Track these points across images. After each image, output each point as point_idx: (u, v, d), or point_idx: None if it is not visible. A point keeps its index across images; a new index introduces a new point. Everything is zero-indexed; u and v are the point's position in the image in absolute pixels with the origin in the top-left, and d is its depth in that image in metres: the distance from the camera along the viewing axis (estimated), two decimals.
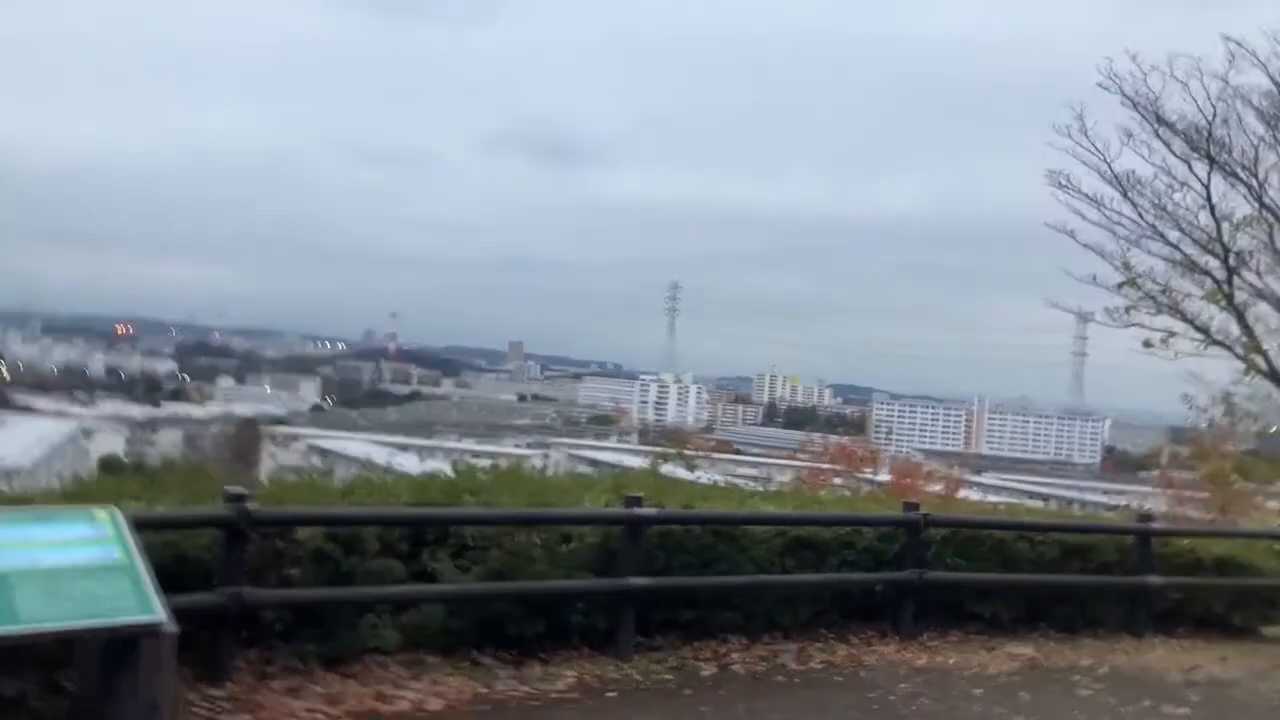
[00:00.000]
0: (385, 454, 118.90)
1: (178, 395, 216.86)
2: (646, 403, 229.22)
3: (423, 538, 7.32)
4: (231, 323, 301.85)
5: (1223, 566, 10.38)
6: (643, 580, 7.61)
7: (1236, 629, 10.74)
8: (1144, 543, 9.88)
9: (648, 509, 7.64)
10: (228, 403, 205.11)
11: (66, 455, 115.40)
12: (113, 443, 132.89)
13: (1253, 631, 10.87)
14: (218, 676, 6.05)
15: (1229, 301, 17.82)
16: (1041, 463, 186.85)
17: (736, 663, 7.90)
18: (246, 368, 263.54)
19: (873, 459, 20.59)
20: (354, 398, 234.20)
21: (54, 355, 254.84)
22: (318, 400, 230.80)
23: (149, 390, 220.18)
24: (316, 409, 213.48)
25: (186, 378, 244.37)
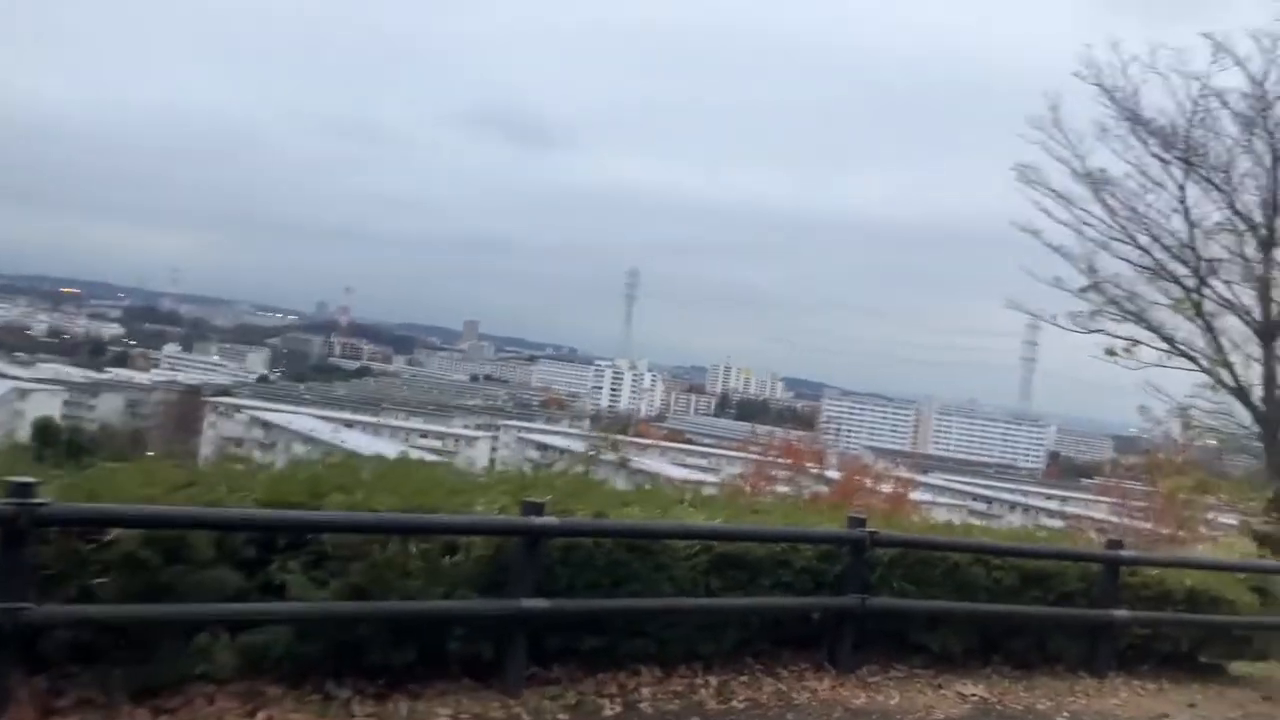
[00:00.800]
0: (330, 429, 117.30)
1: (122, 360, 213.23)
2: (600, 388, 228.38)
3: (275, 544, 6.12)
4: (182, 289, 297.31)
5: (1194, 600, 9.42)
6: (540, 602, 6.44)
7: (1202, 667, 9.82)
8: (1111, 572, 8.89)
9: (548, 518, 6.46)
10: (173, 370, 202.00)
11: None
12: (50, 405, 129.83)
13: (1219, 670, 9.95)
14: None
15: (1198, 311, 17.03)
16: (987, 465, 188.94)
17: (645, 699, 6.78)
18: (195, 335, 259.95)
19: (820, 459, 19.57)
20: (302, 370, 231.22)
21: None
22: (265, 371, 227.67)
23: (93, 354, 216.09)
24: (263, 380, 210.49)
25: (133, 343, 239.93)
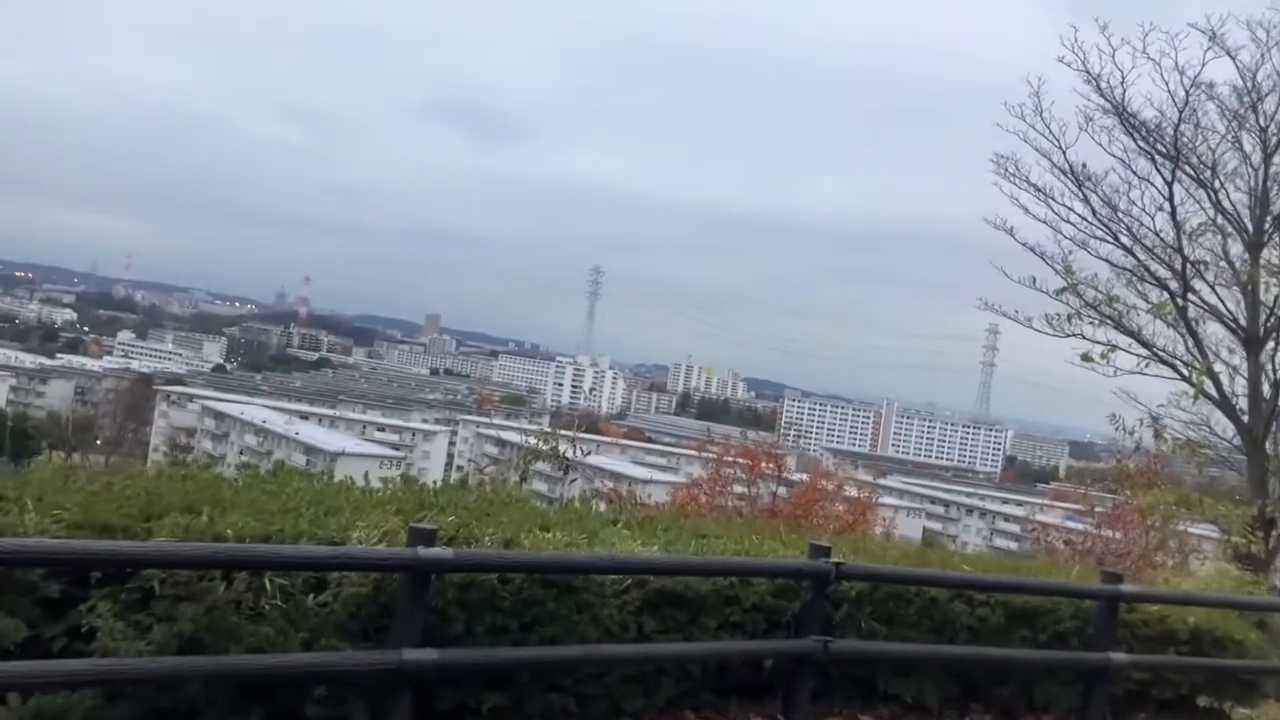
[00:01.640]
0: (284, 421, 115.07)
1: (75, 347, 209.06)
2: (562, 385, 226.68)
3: (89, 579, 4.81)
4: (137, 276, 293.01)
5: (1197, 639, 8.30)
6: (427, 653, 5.16)
7: (1203, 712, 8.73)
8: (1109, 610, 7.74)
9: (440, 551, 5.18)
10: (127, 358, 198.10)
11: None
12: None
13: (1221, 715, 8.86)
14: None
15: (1181, 315, 16.06)
16: (945, 468, 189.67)
17: None
18: (149, 323, 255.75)
19: (779, 465, 18.43)
20: (259, 361, 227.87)
21: None
22: (221, 361, 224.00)
23: (44, 339, 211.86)
24: (219, 369, 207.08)
25: (86, 329, 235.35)
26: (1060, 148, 15.61)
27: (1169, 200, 15.42)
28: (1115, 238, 16.16)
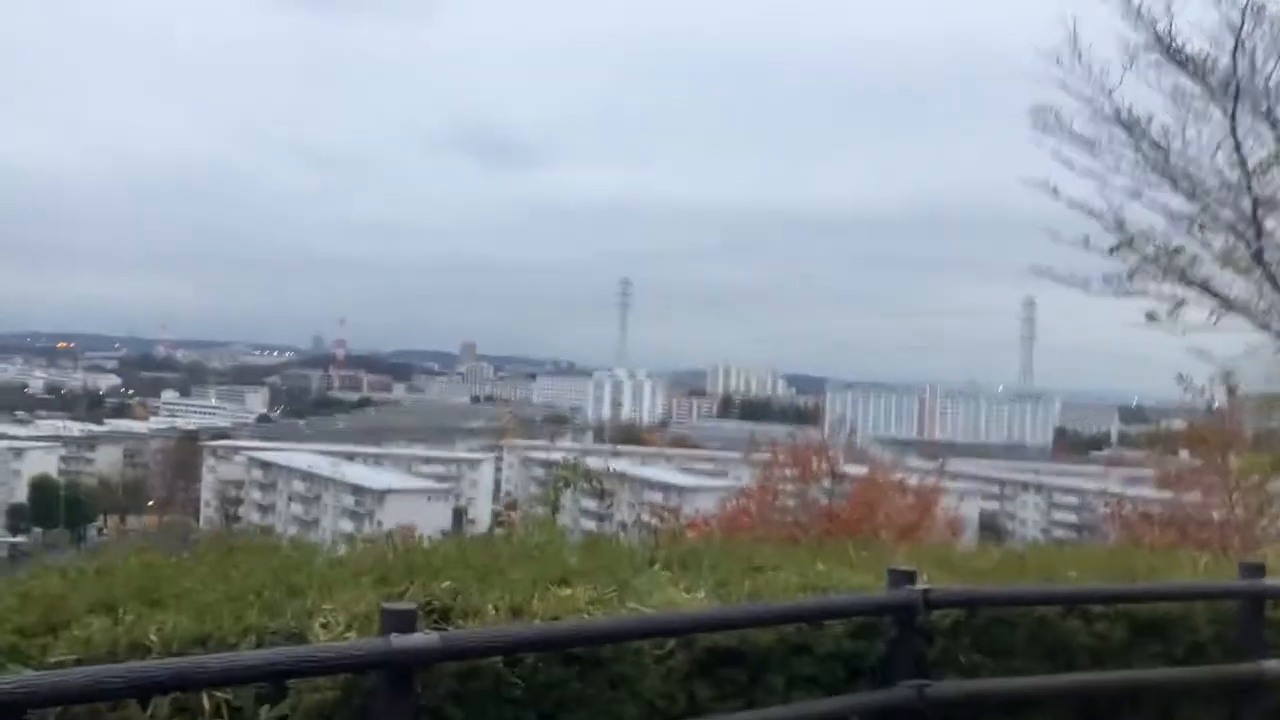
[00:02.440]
0: (330, 464, 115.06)
1: (121, 411, 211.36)
2: (602, 400, 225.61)
3: None
4: (176, 335, 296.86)
5: None
6: None
7: None
8: (1253, 609, 6.44)
9: (420, 636, 4.02)
10: (172, 417, 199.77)
11: None
12: (47, 463, 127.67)
13: None
14: None
15: (1256, 259, 14.67)
16: (995, 447, 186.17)
17: None
18: (192, 380, 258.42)
19: (831, 465, 17.20)
20: (302, 406, 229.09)
21: None
22: (264, 410, 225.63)
23: (91, 406, 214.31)
24: (263, 419, 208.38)
25: (130, 392, 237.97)
26: (1104, 91, 14.33)
27: (1232, 134, 14.07)
28: (1174, 183, 14.84)
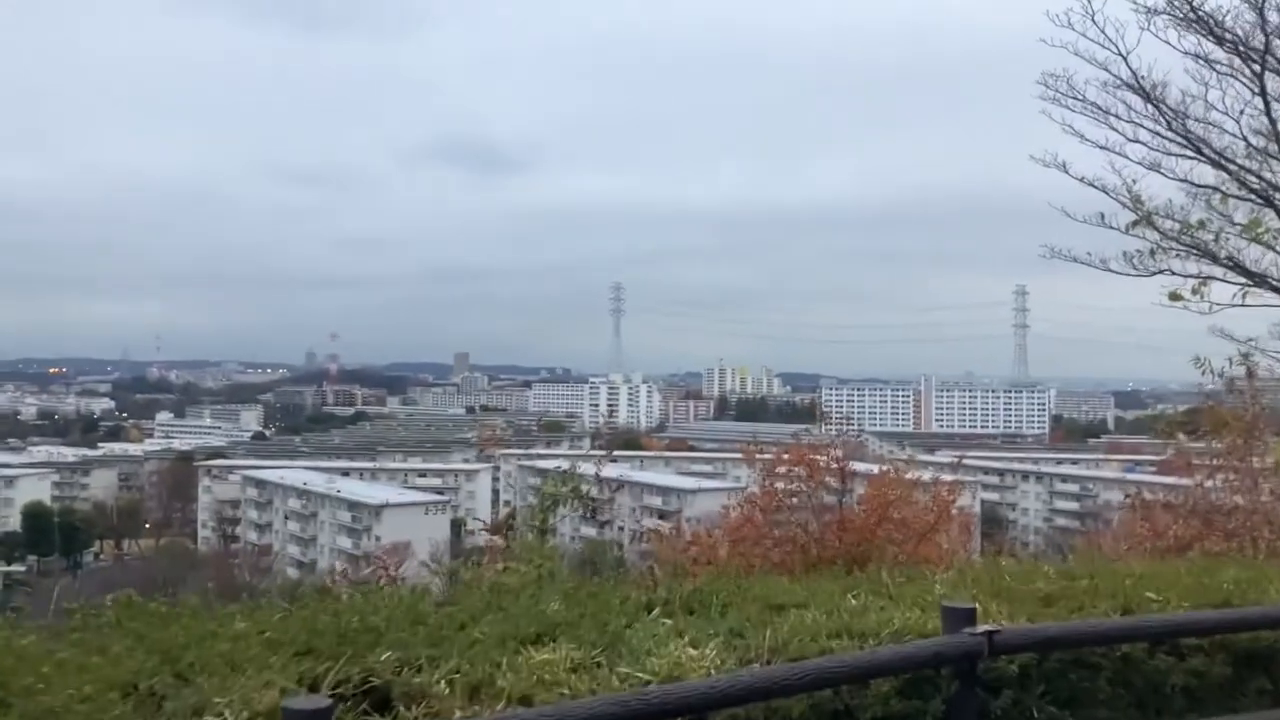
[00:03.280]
0: (325, 480, 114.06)
1: (116, 434, 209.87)
2: (598, 405, 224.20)
3: None
4: (168, 356, 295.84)
5: None
6: None
7: None
8: None
9: None
10: (167, 438, 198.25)
11: None
12: (40, 489, 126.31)
13: None
14: None
15: None
16: (992, 436, 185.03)
17: None
18: (186, 400, 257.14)
19: (841, 466, 16.08)
20: (297, 423, 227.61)
21: None
22: (259, 428, 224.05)
23: (85, 431, 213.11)
24: (258, 437, 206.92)
25: (125, 415, 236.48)
26: (1120, 54, 13.35)
27: (1261, 94, 13.10)
28: (1199, 151, 13.87)
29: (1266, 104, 12.89)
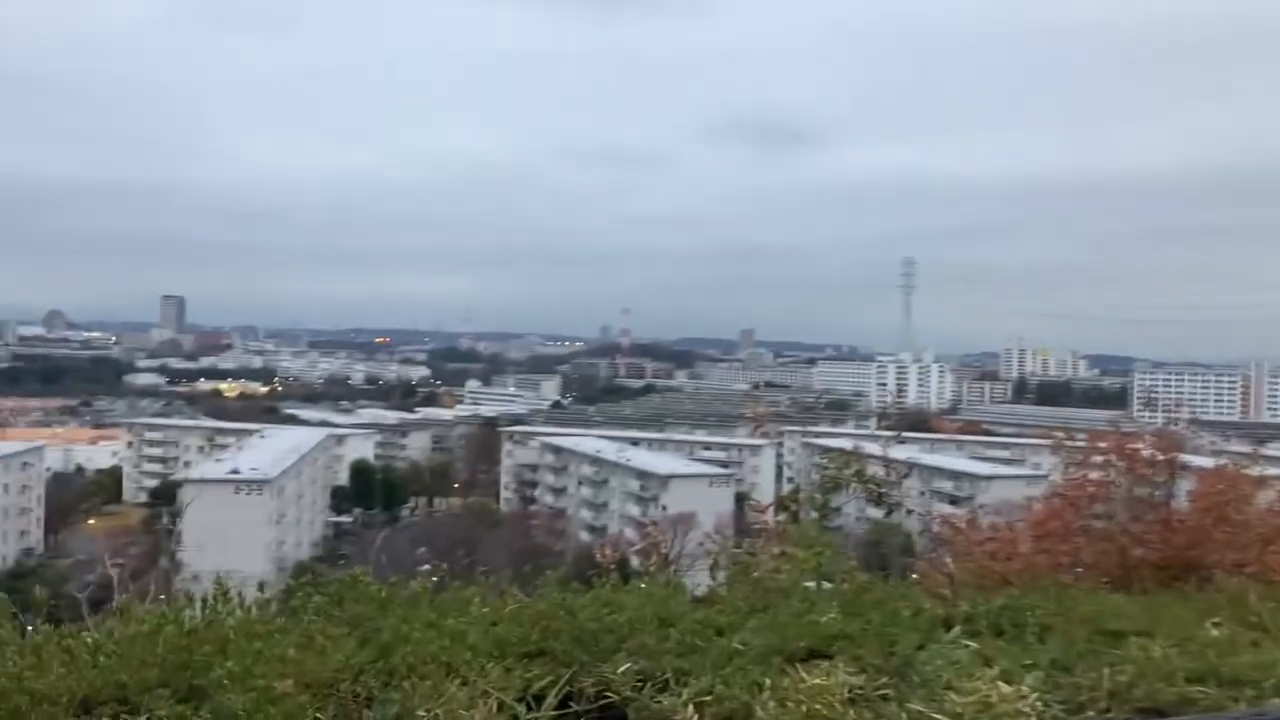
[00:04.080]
0: (615, 449, 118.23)
1: (430, 400, 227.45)
2: (885, 384, 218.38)
3: None
4: (477, 328, 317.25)
5: None
6: None
7: None
8: None
9: None
10: (475, 405, 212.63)
11: (318, 462, 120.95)
12: (364, 448, 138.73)
13: None
14: None
15: None
16: None
17: None
18: (492, 370, 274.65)
19: (1170, 459, 14.08)
20: (591, 393, 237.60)
21: (320, 368, 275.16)
22: (557, 398, 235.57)
23: (404, 396, 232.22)
24: (555, 405, 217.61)
25: (438, 382, 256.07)
26: None
27: None
28: None
29: None
